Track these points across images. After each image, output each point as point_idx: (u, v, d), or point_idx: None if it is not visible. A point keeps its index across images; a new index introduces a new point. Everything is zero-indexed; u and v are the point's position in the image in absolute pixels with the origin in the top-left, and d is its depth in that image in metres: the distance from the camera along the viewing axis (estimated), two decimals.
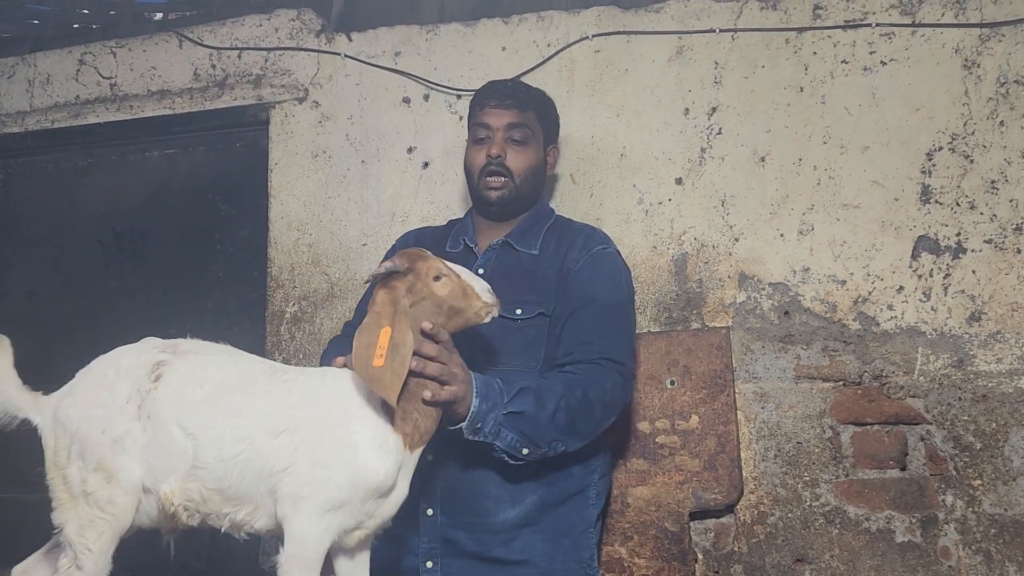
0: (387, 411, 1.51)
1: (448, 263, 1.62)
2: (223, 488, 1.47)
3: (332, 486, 1.45)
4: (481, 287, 1.61)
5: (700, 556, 2.27)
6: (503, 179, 2.07)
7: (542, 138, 2.17)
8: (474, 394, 1.63)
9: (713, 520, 2.28)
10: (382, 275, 1.56)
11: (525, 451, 1.73)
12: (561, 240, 2.06)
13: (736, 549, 2.26)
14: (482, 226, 2.16)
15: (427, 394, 1.53)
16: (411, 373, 1.51)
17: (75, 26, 3.16)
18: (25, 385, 1.58)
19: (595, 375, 1.83)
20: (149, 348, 1.57)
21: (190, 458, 1.47)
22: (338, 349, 1.86)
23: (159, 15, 3.12)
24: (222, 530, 1.52)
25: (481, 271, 2.02)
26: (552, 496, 1.89)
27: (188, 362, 1.54)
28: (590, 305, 1.92)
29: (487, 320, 1.61)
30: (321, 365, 1.92)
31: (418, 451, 1.56)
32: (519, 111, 2.11)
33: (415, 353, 1.51)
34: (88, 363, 1.60)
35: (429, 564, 1.84)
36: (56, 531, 1.50)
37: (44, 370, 1.55)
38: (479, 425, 1.66)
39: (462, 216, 2.29)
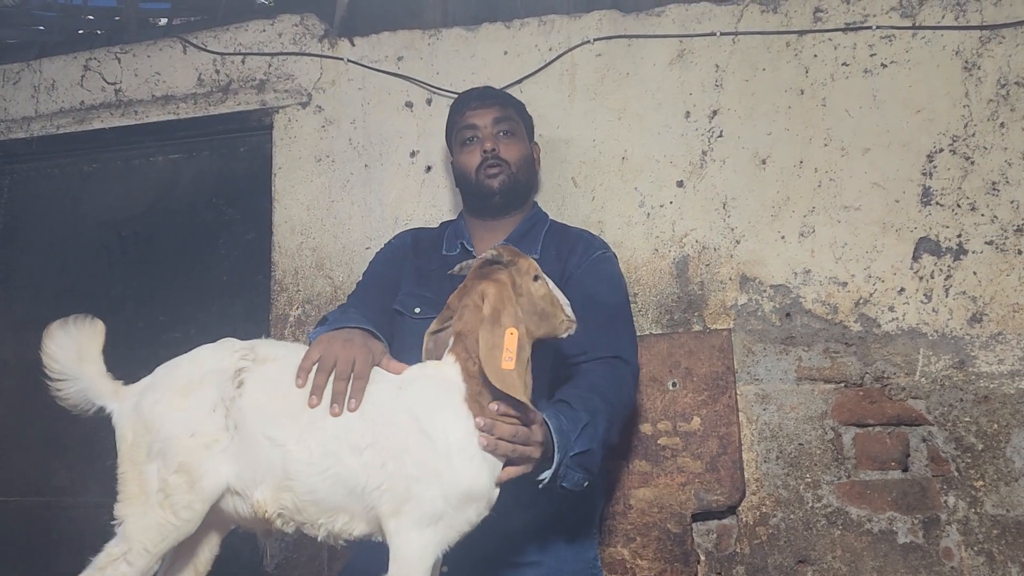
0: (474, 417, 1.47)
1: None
2: (317, 500, 1.44)
3: (427, 499, 1.41)
4: (564, 300, 1.56)
5: (702, 557, 2.27)
6: (500, 168, 2.10)
7: (526, 131, 2.23)
8: (555, 448, 1.58)
9: (715, 521, 2.29)
10: (488, 263, 1.52)
11: (586, 484, 1.70)
12: (562, 245, 2.08)
13: (738, 550, 2.26)
14: (478, 229, 2.17)
15: (501, 475, 1.49)
16: (501, 456, 1.47)
17: (80, 32, 3.19)
18: (109, 373, 1.56)
19: (612, 378, 1.83)
20: (230, 352, 1.53)
21: (280, 469, 1.44)
22: (323, 315, 1.79)
23: (163, 21, 3.14)
24: (319, 539, 1.48)
25: None
26: (562, 498, 1.91)
27: (267, 369, 1.51)
28: (595, 306, 1.92)
29: (564, 336, 1.56)
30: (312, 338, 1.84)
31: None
32: (501, 106, 2.16)
33: (500, 437, 1.46)
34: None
35: (445, 569, 1.84)
36: (116, 522, 1.47)
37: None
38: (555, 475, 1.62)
39: (454, 218, 2.30)
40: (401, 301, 2.06)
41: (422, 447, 1.43)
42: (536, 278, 1.53)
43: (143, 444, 1.47)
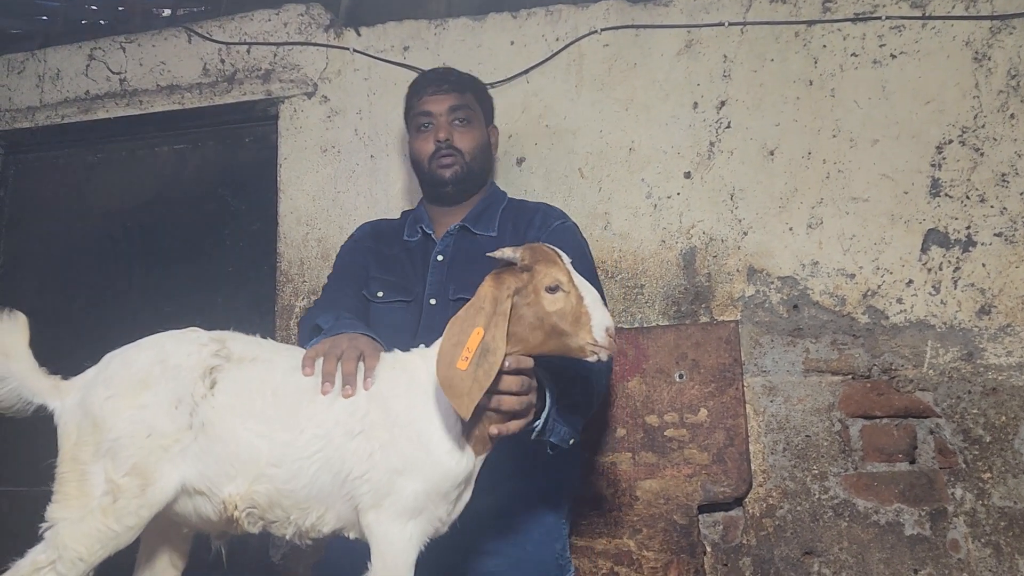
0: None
1: (580, 280, 1.43)
2: (296, 488, 1.39)
3: (409, 493, 1.38)
4: (600, 321, 1.40)
5: (709, 549, 2.27)
6: (454, 158, 2.09)
7: (483, 117, 2.21)
8: (547, 395, 1.56)
9: (722, 513, 2.29)
10: (507, 263, 1.44)
11: (572, 440, 1.67)
12: (519, 220, 2.07)
13: (745, 542, 2.26)
14: (436, 213, 2.18)
15: (494, 429, 1.43)
16: (489, 408, 1.40)
17: (84, 22, 3.18)
18: (42, 368, 1.47)
19: None
20: (198, 347, 1.45)
21: (263, 457, 1.38)
22: (316, 324, 1.77)
23: (168, 10, 3.13)
24: (286, 537, 1.44)
25: (440, 257, 2.04)
26: (525, 488, 1.91)
27: (247, 370, 1.44)
28: None
29: (590, 360, 1.42)
30: (300, 336, 1.84)
31: (483, 456, 1.48)
32: (458, 93, 2.14)
33: (494, 392, 1.40)
34: (103, 352, 1.50)
35: None
36: (46, 526, 1.37)
37: (54, 365, 1.53)
38: (545, 426, 1.60)
39: (414, 207, 2.30)
40: (366, 286, 2.09)
41: (408, 439, 1.41)
42: (553, 289, 1.40)
43: (90, 443, 1.37)
